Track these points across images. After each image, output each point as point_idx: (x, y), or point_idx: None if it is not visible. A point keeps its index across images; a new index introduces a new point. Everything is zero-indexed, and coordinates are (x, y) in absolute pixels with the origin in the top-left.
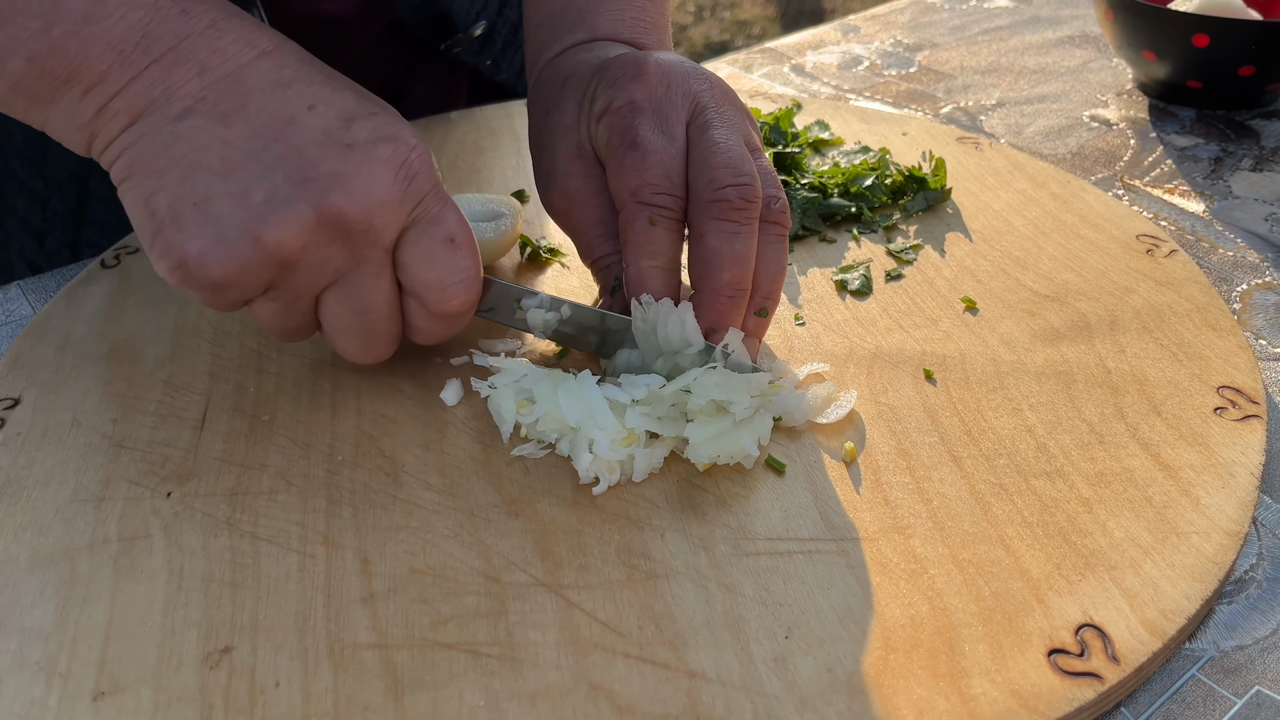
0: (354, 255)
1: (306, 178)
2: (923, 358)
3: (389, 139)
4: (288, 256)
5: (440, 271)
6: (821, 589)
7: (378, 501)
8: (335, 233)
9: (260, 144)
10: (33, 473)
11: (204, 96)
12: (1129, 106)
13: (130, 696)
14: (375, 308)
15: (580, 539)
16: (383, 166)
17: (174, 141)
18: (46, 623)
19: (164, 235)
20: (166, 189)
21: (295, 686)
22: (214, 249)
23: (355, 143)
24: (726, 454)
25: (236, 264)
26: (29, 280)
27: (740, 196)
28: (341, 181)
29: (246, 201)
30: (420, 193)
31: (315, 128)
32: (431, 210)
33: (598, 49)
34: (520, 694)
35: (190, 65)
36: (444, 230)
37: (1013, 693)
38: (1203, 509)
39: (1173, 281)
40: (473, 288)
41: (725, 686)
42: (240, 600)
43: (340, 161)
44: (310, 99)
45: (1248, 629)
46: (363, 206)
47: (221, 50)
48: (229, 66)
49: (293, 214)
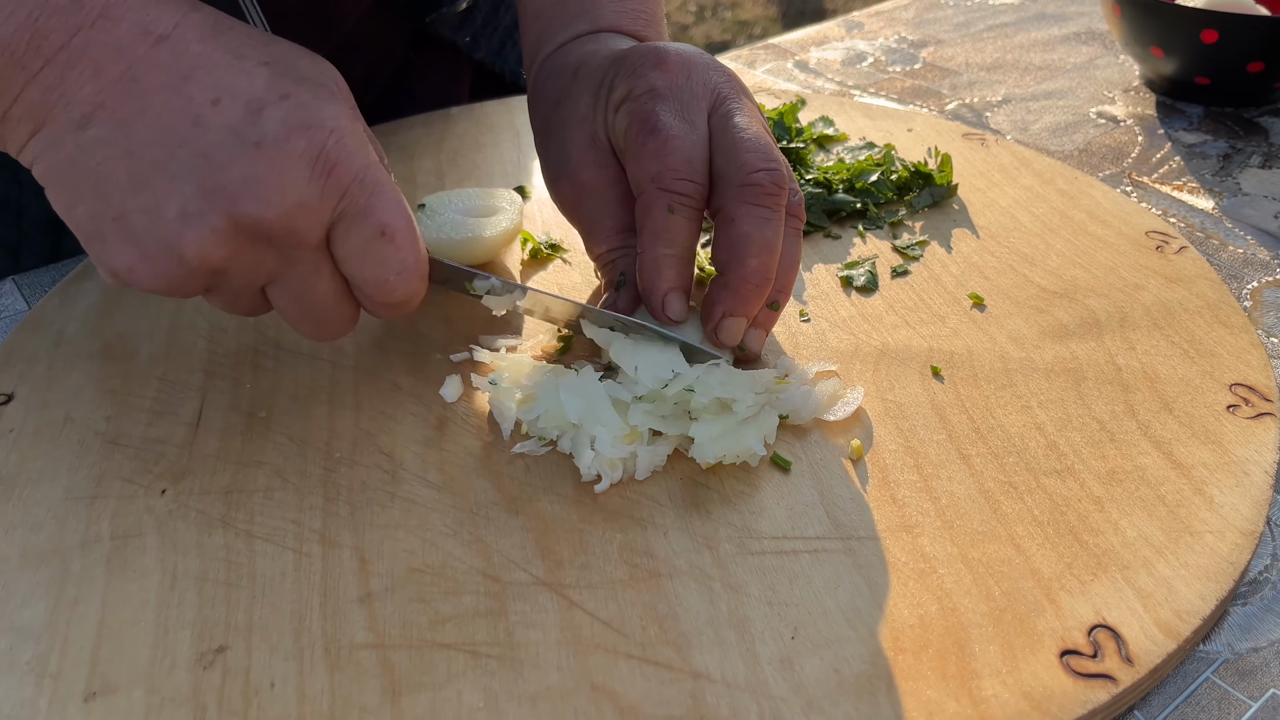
0: (284, 256)
1: (216, 186)
2: (930, 355)
3: (301, 128)
4: (213, 266)
5: (375, 268)
6: (828, 589)
7: (375, 499)
8: (256, 239)
9: (165, 152)
10: (25, 470)
11: (101, 101)
12: (1136, 103)
13: (122, 697)
14: (319, 300)
15: (582, 537)
16: (296, 164)
17: (79, 155)
18: (38, 622)
19: (91, 248)
20: (83, 203)
21: (290, 687)
22: (139, 265)
23: (264, 139)
24: (732, 453)
25: (164, 278)
26: (23, 275)
27: (771, 181)
28: (252, 186)
29: (160, 217)
30: (342, 185)
31: (220, 126)
32: (359, 202)
33: (604, 41)
34: (520, 695)
35: (84, 65)
36: (374, 222)
37: (1024, 695)
38: (1216, 508)
39: (1183, 278)
40: (411, 279)
41: (730, 688)
42: (235, 599)
43: (249, 164)
44: (214, 90)
45: (1263, 631)
46: (279, 211)
47: (114, 44)
48: (123, 63)
49: (207, 228)
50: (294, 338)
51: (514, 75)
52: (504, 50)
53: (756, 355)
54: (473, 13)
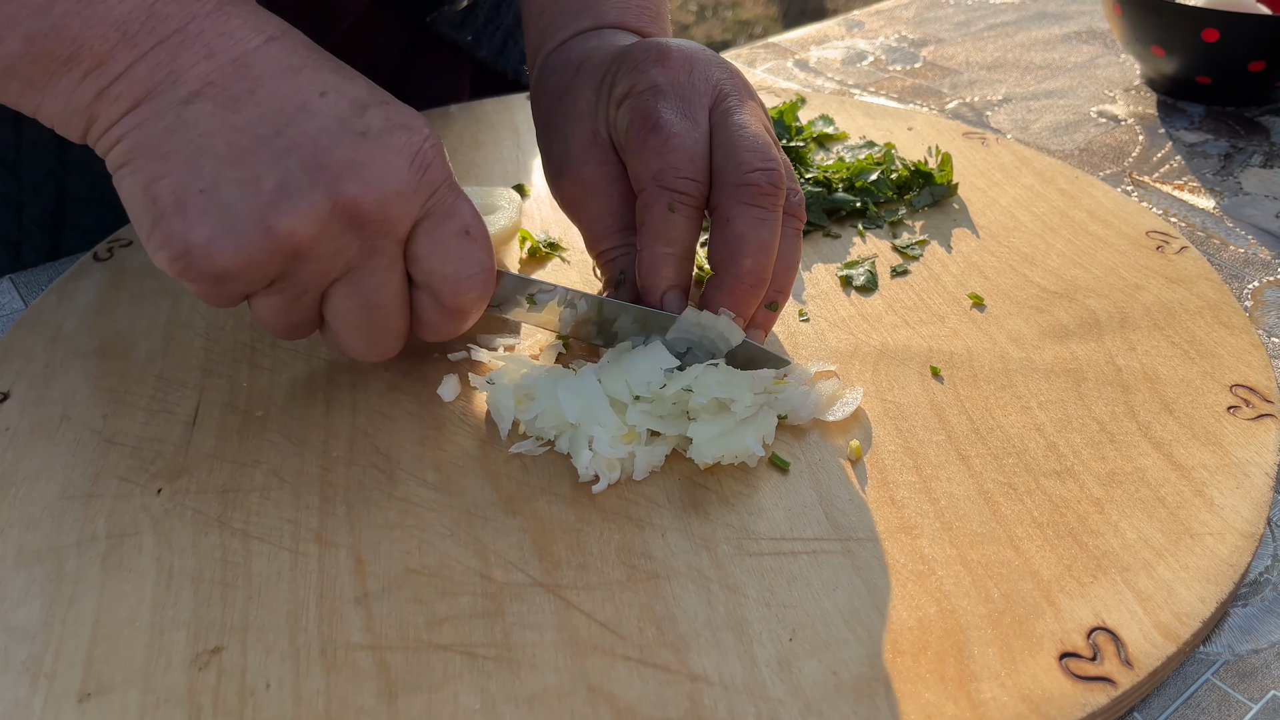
0: (366, 246)
1: (320, 165)
2: (929, 355)
3: (403, 127)
4: (299, 246)
5: (455, 264)
6: (826, 590)
7: (372, 499)
8: (349, 222)
9: (271, 130)
10: (21, 468)
11: (211, 80)
12: (1137, 102)
13: (117, 698)
14: (385, 301)
15: (579, 538)
16: (397, 155)
17: (180, 126)
18: (32, 622)
19: (166, 223)
20: (170, 175)
21: (286, 688)
22: (221, 237)
23: (370, 130)
24: (731, 454)
25: (245, 253)
26: (20, 274)
27: (768, 181)
28: (356, 169)
29: (257, 189)
30: (435, 183)
31: (328, 114)
32: (446, 201)
33: (607, 36)
34: (517, 697)
35: (197, 48)
36: (459, 221)
37: (1023, 697)
38: (1217, 509)
39: (1183, 278)
40: (488, 280)
41: (728, 690)
42: (231, 600)
43: (354, 149)
44: (322, 85)
45: (1263, 632)
46: (378, 195)
47: (229, 33)
48: (237, 50)
49: (306, 202)
50: None
51: (516, 74)
52: (505, 49)
53: None
54: (474, 11)
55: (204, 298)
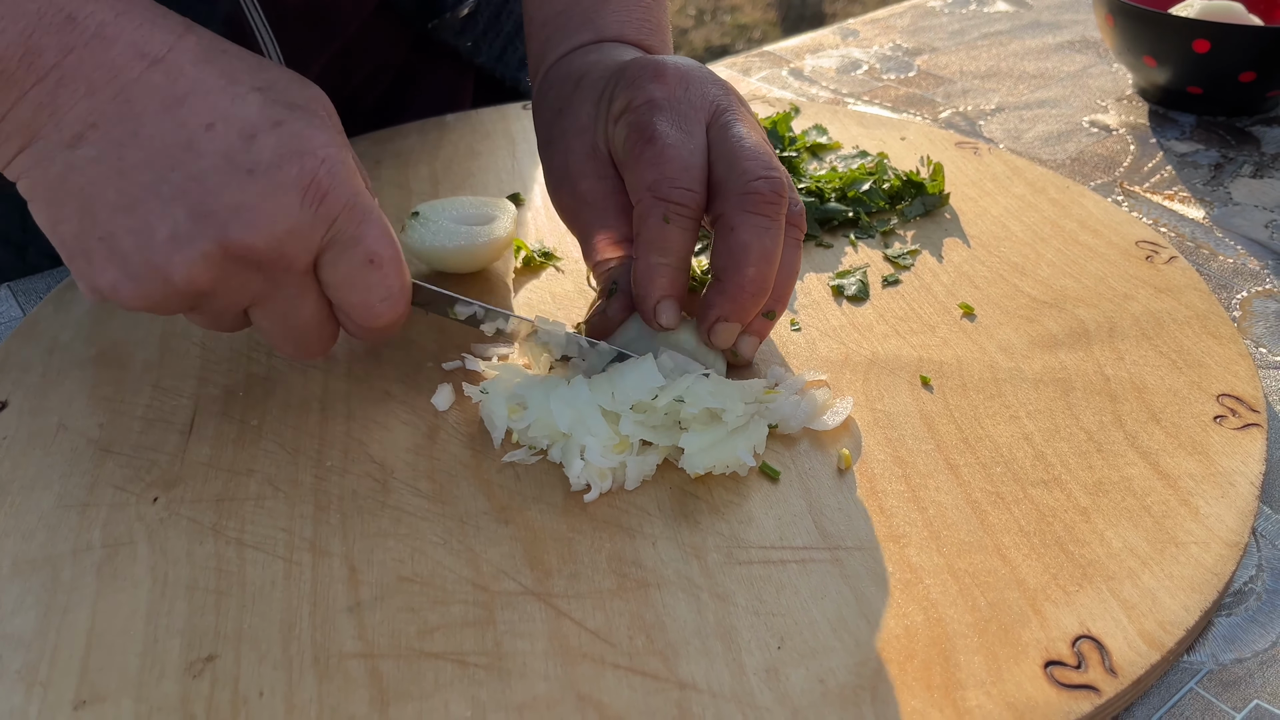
0: (270, 280)
1: (208, 211)
2: (920, 364)
3: (294, 155)
4: (199, 289)
5: (362, 293)
6: (815, 599)
7: (366, 508)
8: (244, 264)
9: (157, 175)
10: (17, 477)
11: (94, 122)
12: (1129, 112)
13: (111, 706)
14: (302, 323)
15: (571, 547)
16: (288, 192)
17: (69, 173)
18: (28, 630)
19: (75, 264)
20: (69, 221)
21: (279, 696)
22: (125, 284)
23: (257, 166)
24: (722, 464)
25: (149, 298)
26: (18, 282)
27: (771, 189)
28: (244, 214)
29: (150, 239)
30: (333, 213)
31: (214, 151)
32: (347, 230)
33: (607, 50)
34: (507, 705)
35: (77, 84)
36: (362, 250)
37: (1008, 705)
38: (1202, 519)
39: (1172, 288)
40: (398, 304)
41: (716, 698)
42: (224, 608)
43: (242, 191)
44: (208, 115)
45: (1247, 641)
46: (269, 238)
47: (109, 64)
48: (118, 84)
49: (197, 251)
50: None
51: (514, 80)
52: (505, 55)
53: (748, 362)
54: (474, 18)
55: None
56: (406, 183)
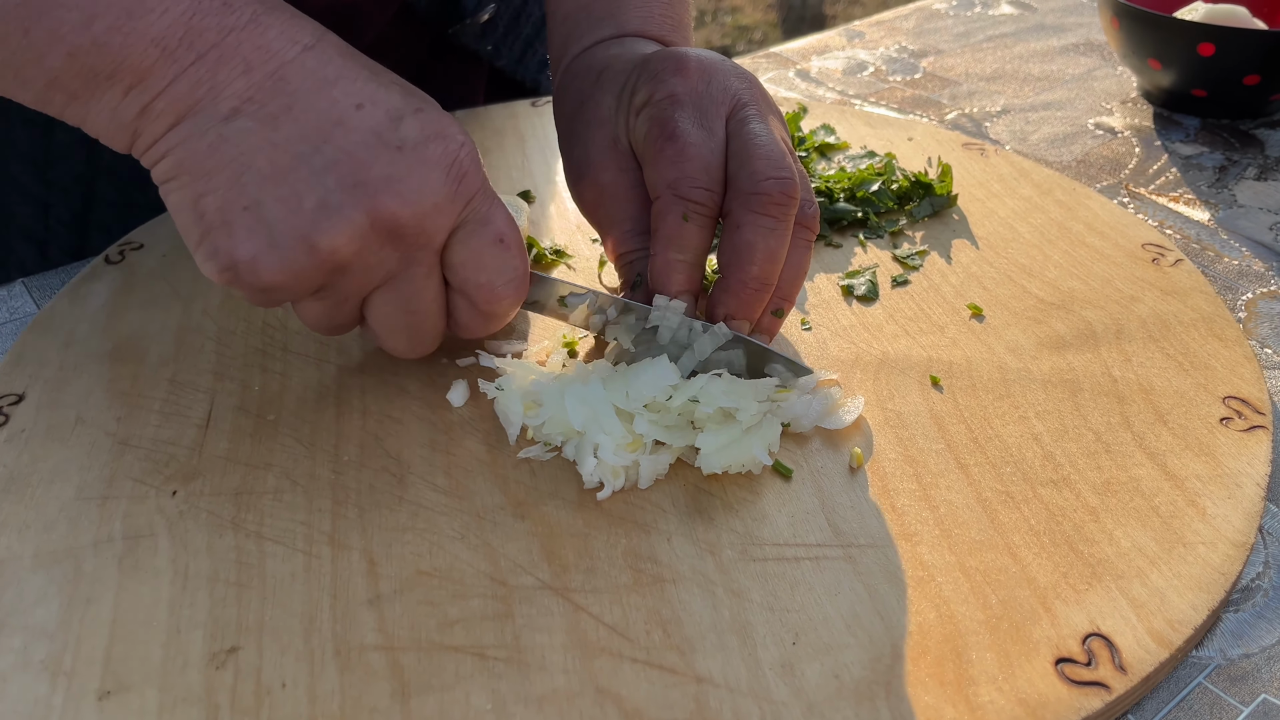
0: (405, 257)
1: (358, 181)
2: (929, 364)
3: (438, 137)
4: (340, 261)
5: (490, 272)
6: (829, 595)
7: (383, 502)
8: (388, 236)
9: (310, 147)
10: (37, 470)
11: (250, 96)
12: (1134, 114)
13: (135, 696)
14: (424, 307)
15: (587, 543)
16: (433, 168)
17: (222, 144)
18: (51, 621)
19: (213, 238)
20: (216, 192)
21: (301, 688)
22: (266, 254)
23: (405, 143)
24: (738, 463)
25: (289, 269)
26: (33, 277)
27: (780, 190)
28: (393, 185)
29: (299, 206)
30: (470, 192)
31: (364, 128)
32: (480, 210)
33: (628, 45)
34: (527, 698)
35: (235, 63)
36: (493, 230)
37: (1020, 701)
38: (1209, 519)
39: (1178, 291)
40: (521, 287)
41: (732, 692)
42: (246, 600)
43: (391, 164)
44: (357, 97)
45: (1254, 637)
46: (415, 210)
47: (265, 46)
48: (273, 64)
49: (346, 219)
50: (301, 342)
51: (534, 82)
52: (525, 58)
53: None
54: (494, 23)
55: (250, 301)
56: None
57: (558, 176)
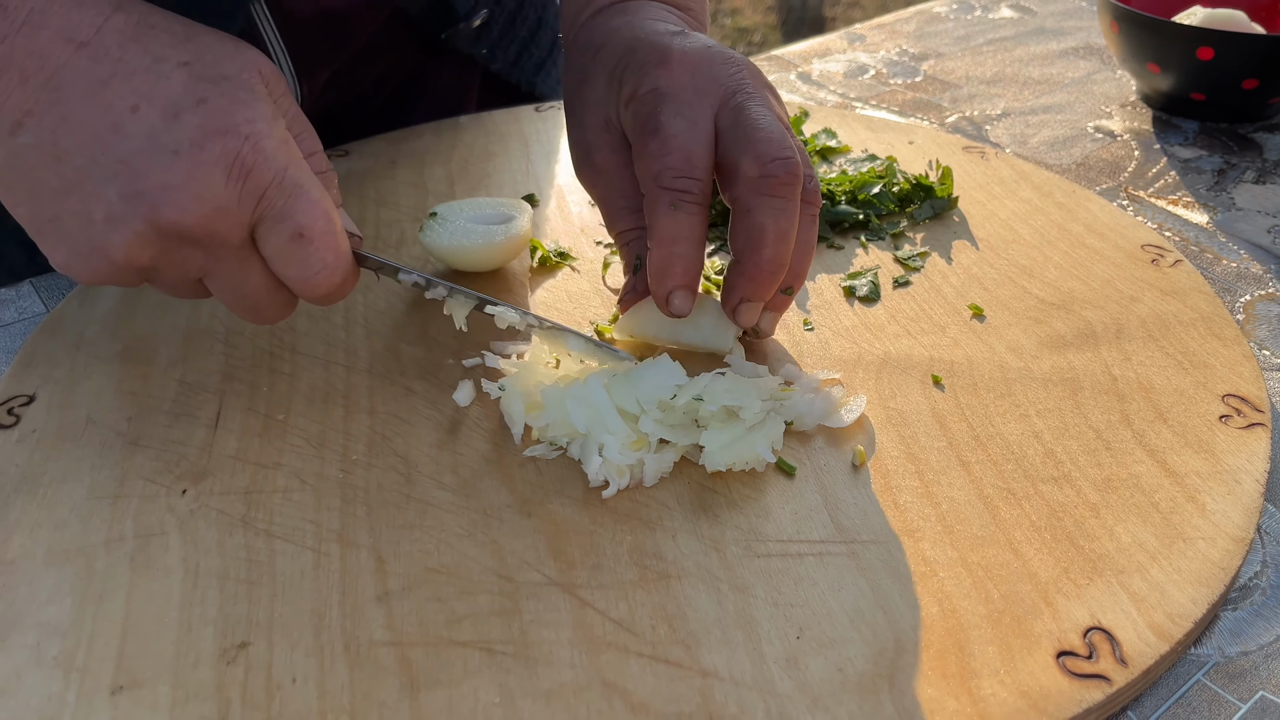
0: (209, 254)
1: (137, 192)
2: (931, 364)
3: (217, 133)
4: (142, 265)
5: (296, 267)
6: (832, 590)
7: (391, 501)
8: (180, 240)
9: (88, 159)
10: (48, 470)
11: (29, 109)
12: (1133, 118)
13: (148, 692)
14: (250, 291)
15: (593, 539)
16: (211, 170)
17: (14, 160)
18: (64, 618)
19: (38, 243)
20: (22, 204)
21: (311, 683)
22: (75, 262)
23: (181, 147)
24: (742, 460)
25: (100, 274)
26: (41, 279)
27: (787, 171)
28: (171, 193)
29: (90, 221)
30: (259, 188)
31: (139, 134)
32: (276, 205)
33: (632, 12)
34: (535, 692)
35: (11, 73)
36: (290, 226)
37: (1022, 694)
38: (1208, 515)
39: (1178, 291)
40: (333, 274)
41: (738, 685)
42: (256, 597)
43: (167, 171)
44: (132, 97)
45: (1252, 635)
46: (197, 216)
47: (38, 51)
48: (47, 71)
49: (131, 230)
50: (309, 344)
51: (529, 85)
52: (519, 62)
53: (769, 335)
54: (488, 27)
55: None
56: (423, 183)
57: (561, 181)
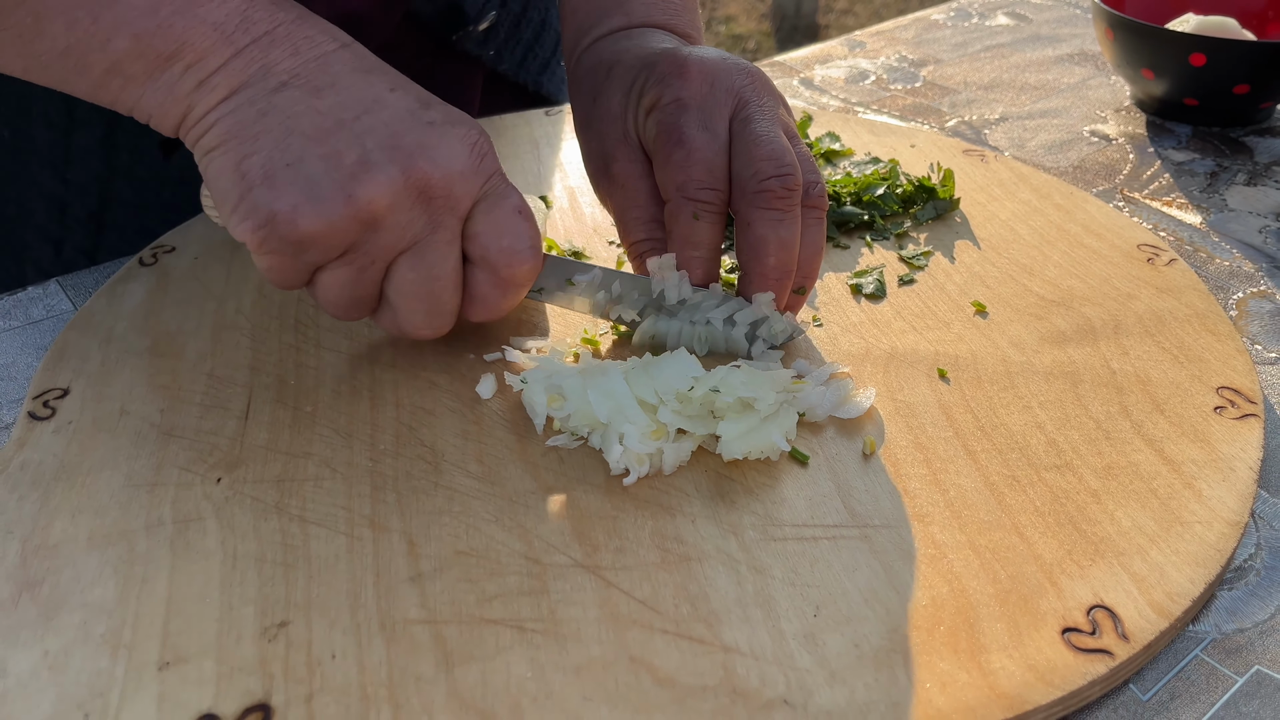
0: (432, 220)
1: (395, 145)
2: (936, 358)
3: (462, 122)
4: (375, 215)
5: (510, 238)
6: (847, 572)
7: (420, 488)
8: (419, 196)
9: (351, 115)
10: (85, 459)
11: (298, 73)
12: (1127, 122)
13: (194, 667)
14: (445, 274)
15: (616, 524)
16: (460, 143)
17: (270, 110)
18: (109, 599)
19: (253, 194)
20: (260, 152)
21: (351, 658)
22: (306, 204)
23: (435, 121)
24: (757, 449)
25: (326, 219)
26: (68, 277)
27: (783, 186)
28: (427, 150)
29: (339, 163)
30: (490, 170)
31: (399, 106)
32: (499, 187)
33: (636, 36)
34: (565, 666)
35: (285, 46)
36: (512, 202)
37: (1029, 667)
38: (1205, 500)
39: (1173, 289)
40: (538, 254)
41: (759, 660)
42: (293, 579)
43: (424, 135)
44: (390, 84)
45: (1247, 613)
46: (445, 173)
47: (310, 37)
48: (318, 51)
49: (383, 175)
50: (334, 339)
51: (535, 85)
52: (526, 62)
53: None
54: (495, 30)
55: (275, 271)
56: None
57: (572, 182)
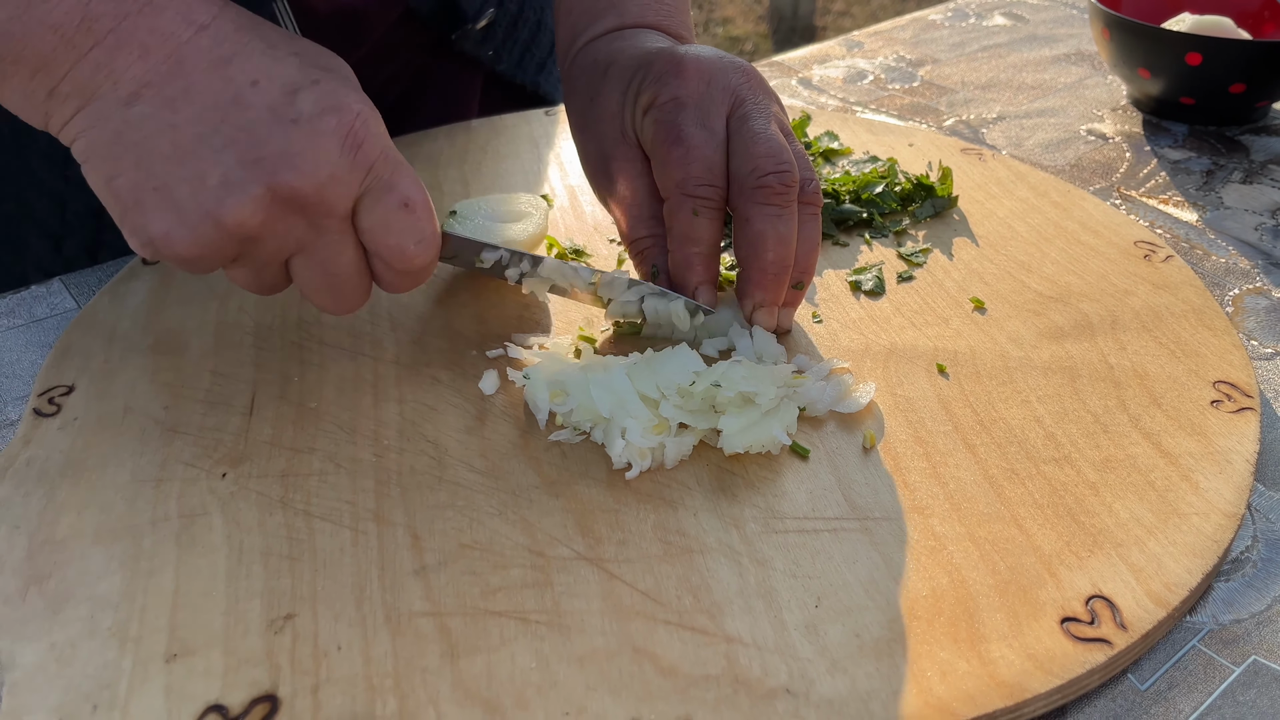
0: (312, 226)
1: (257, 158)
2: (935, 353)
3: (333, 109)
4: (248, 233)
5: (397, 236)
6: (848, 563)
7: (424, 482)
8: (290, 208)
9: (209, 127)
10: (91, 455)
11: (148, 81)
12: (1124, 121)
13: (201, 659)
14: (341, 270)
15: (618, 517)
16: (328, 140)
17: (125, 129)
18: (115, 592)
19: (130, 217)
20: (124, 174)
21: (356, 650)
22: (177, 230)
23: (300, 117)
24: (758, 443)
25: (200, 243)
26: (70, 276)
27: (780, 182)
28: (290, 160)
29: (202, 185)
30: (369, 160)
31: (260, 105)
32: (383, 176)
33: (629, 37)
34: (569, 657)
35: (132, 47)
36: (397, 195)
37: (1029, 656)
38: (1202, 492)
39: (1169, 285)
40: (430, 247)
41: (761, 650)
42: (299, 572)
43: (287, 139)
44: (252, 74)
45: (1244, 604)
46: (313, 182)
47: (160, 29)
48: (169, 46)
49: (248, 194)
50: (337, 336)
51: (533, 83)
52: (523, 61)
53: (787, 330)
54: (493, 29)
55: (184, 270)
56: (439, 184)
57: (571, 180)
